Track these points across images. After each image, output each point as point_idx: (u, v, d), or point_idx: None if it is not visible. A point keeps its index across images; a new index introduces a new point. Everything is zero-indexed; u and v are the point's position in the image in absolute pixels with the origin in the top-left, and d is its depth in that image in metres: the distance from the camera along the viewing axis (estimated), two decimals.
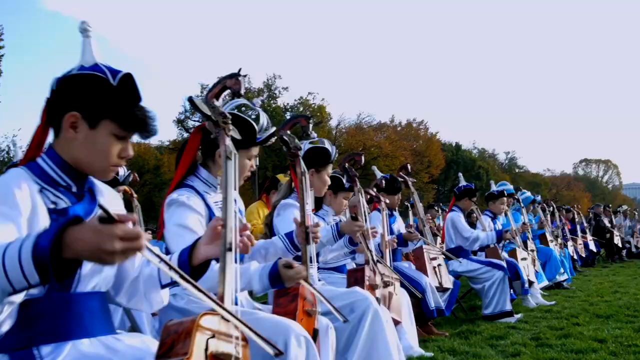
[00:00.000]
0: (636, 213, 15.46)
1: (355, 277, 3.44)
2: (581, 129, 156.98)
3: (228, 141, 1.90)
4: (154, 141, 38.72)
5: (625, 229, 14.22)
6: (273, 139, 2.67)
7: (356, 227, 3.32)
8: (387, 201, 4.93)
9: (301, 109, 38.25)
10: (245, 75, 2.17)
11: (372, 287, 3.44)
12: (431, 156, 41.20)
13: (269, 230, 3.41)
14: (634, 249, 13.77)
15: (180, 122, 36.98)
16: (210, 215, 2.46)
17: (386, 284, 3.86)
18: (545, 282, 7.43)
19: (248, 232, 1.78)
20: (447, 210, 6.85)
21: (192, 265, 1.75)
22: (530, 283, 6.46)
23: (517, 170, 59.15)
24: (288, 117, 3.56)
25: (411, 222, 5.83)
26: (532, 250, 7.22)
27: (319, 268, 4.17)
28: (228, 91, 2.02)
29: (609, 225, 13.16)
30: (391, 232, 4.95)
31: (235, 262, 1.66)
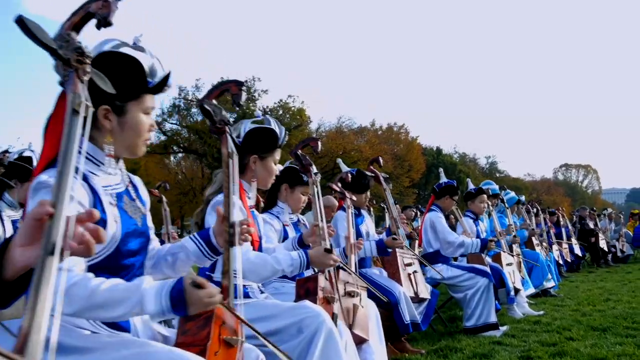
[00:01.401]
0: (622, 216, 14.99)
1: (306, 289, 2.75)
2: (561, 135, 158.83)
3: (81, 88, 1.22)
4: None
5: (611, 232, 13.75)
6: (168, 86, 1.94)
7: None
8: (354, 198, 4.25)
9: (280, 111, 37.69)
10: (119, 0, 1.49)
11: (327, 301, 2.77)
12: (412, 160, 41.01)
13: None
14: (619, 254, 13.31)
15: (157, 125, 35.96)
16: (96, 203, 1.76)
17: (350, 295, 3.22)
18: (532, 290, 6.85)
19: (92, 225, 1.07)
20: (425, 211, 6.19)
21: (5, 281, 1.07)
22: (517, 291, 5.87)
23: (497, 175, 59.00)
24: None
25: (387, 225, 5.16)
26: (518, 255, 6.62)
27: None
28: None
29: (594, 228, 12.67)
30: (358, 234, 4.27)
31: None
